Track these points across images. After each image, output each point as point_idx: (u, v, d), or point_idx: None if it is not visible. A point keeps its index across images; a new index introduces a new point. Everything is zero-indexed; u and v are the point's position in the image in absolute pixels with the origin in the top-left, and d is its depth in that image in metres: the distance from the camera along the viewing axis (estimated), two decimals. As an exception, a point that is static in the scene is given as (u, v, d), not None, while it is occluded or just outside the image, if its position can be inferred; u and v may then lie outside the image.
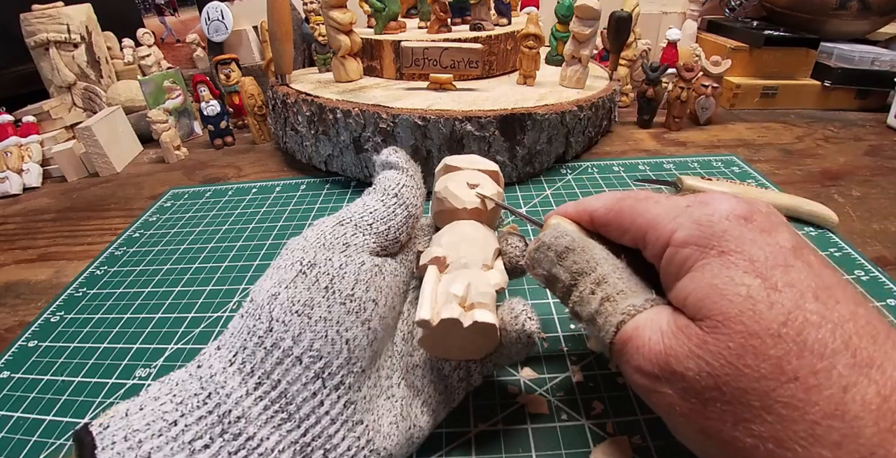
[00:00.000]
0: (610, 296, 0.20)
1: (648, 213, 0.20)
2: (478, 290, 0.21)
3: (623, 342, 0.19)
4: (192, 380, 0.19)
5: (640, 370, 0.18)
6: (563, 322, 0.32)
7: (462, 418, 0.26)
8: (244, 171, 0.62)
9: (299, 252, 0.21)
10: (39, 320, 0.38)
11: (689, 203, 0.20)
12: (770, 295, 0.16)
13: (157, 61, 0.85)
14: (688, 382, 0.16)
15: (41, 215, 0.56)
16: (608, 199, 0.23)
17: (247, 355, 0.19)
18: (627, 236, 0.22)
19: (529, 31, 0.54)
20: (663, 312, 0.19)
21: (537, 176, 0.53)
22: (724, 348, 0.16)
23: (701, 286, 0.17)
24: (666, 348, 0.17)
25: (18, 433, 0.28)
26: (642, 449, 0.24)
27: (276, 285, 0.20)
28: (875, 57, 0.67)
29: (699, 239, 0.18)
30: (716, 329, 0.16)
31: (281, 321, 0.19)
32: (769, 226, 0.18)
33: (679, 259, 0.19)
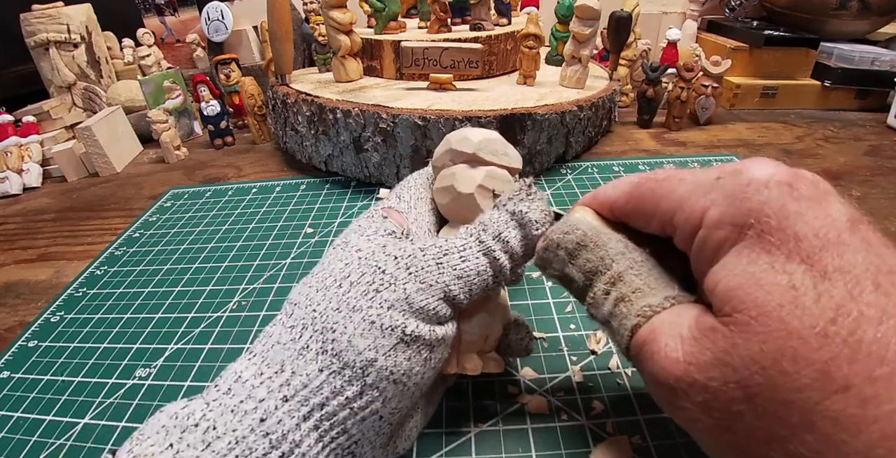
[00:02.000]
0: (625, 296, 0.18)
1: (673, 193, 0.18)
2: (492, 338, 0.24)
3: (638, 348, 0.17)
4: (256, 438, 0.16)
5: (657, 381, 0.16)
6: (563, 322, 0.32)
7: (462, 418, 0.26)
8: (244, 171, 0.62)
9: (399, 315, 0.18)
10: (39, 320, 0.38)
11: (721, 174, 0.17)
12: (817, 284, 0.13)
13: (157, 61, 0.85)
14: (711, 394, 0.14)
15: (41, 215, 0.56)
16: (624, 186, 0.20)
17: (326, 414, 0.17)
18: (654, 224, 0.19)
19: (529, 31, 0.54)
20: (687, 312, 0.16)
21: (537, 176, 0.53)
22: (757, 352, 0.13)
23: (734, 274, 0.15)
24: (685, 356, 0.15)
25: (18, 433, 0.28)
26: (642, 449, 0.24)
27: (372, 349, 0.18)
28: (875, 57, 0.67)
29: (735, 217, 0.15)
30: (747, 328, 0.14)
31: (375, 388, 0.18)
32: (817, 194, 0.15)
33: (713, 243, 0.16)
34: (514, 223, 0.21)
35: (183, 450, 0.16)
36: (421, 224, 0.24)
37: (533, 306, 0.34)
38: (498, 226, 0.21)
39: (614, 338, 0.19)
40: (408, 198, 0.25)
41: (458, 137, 0.25)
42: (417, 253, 0.20)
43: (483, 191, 0.23)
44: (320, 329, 0.18)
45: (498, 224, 0.21)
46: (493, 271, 0.21)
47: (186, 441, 0.16)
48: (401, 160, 0.48)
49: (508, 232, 0.21)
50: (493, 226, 0.21)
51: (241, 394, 0.17)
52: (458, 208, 0.24)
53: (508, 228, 0.21)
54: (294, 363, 0.18)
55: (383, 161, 0.49)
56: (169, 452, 0.16)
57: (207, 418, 0.16)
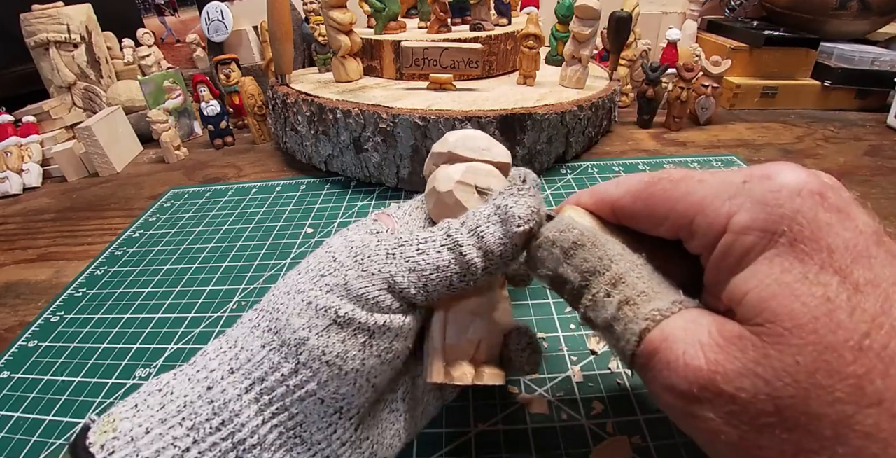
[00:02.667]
0: (629, 299, 0.17)
1: (693, 195, 0.17)
2: (487, 345, 0.22)
3: (648, 355, 0.16)
4: (202, 403, 0.17)
5: (673, 390, 0.15)
6: (563, 322, 0.32)
7: (462, 418, 0.26)
8: (244, 171, 0.62)
9: (335, 298, 0.18)
10: (39, 320, 0.38)
11: (746, 178, 0.16)
12: (851, 298, 0.13)
13: (157, 61, 0.85)
14: (739, 405, 0.14)
15: (41, 215, 0.56)
16: (632, 184, 0.19)
17: (265, 388, 0.18)
18: (665, 226, 0.18)
19: (529, 31, 0.54)
20: (700, 317, 0.16)
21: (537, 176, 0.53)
22: (791, 364, 0.13)
23: (766, 283, 0.14)
24: (710, 364, 0.14)
25: (18, 433, 0.28)
26: (642, 449, 0.24)
27: (305, 328, 0.18)
28: (875, 57, 0.67)
29: (766, 223, 0.15)
30: (781, 339, 0.13)
31: (308, 367, 0.18)
32: (843, 205, 0.15)
33: (739, 248, 0.15)
34: (497, 219, 0.19)
35: (142, 410, 0.18)
36: (411, 229, 0.23)
37: (533, 307, 0.34)
38: (477, 220, 0.20)
39: (617, 344, 0.17)
40: (407, 207, 0.25)
41: (438, 141, 0.24)
42: (372, 243, 0.20)
43: (463, 187, 0.22)
44: (269, 309, 0.19)
45: (478, 218, 0.20)
46: (459, 268, 0.19)
47: (147, 403, 0.18)
48: (401, 160, 0.48)
49: (487, 227, 0.19)
50: (472, 219, 0.20)
51: (199, 365, 0.19)
52: (443, 210, 0.23)
53: (489, 223, 0.19)
54: (244, 339, 0.19)
55: (383, 161, 0.49)
56: (132, 411, 0.18)
57: (170, 385, 0.18)
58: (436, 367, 0.21)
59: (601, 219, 0.21)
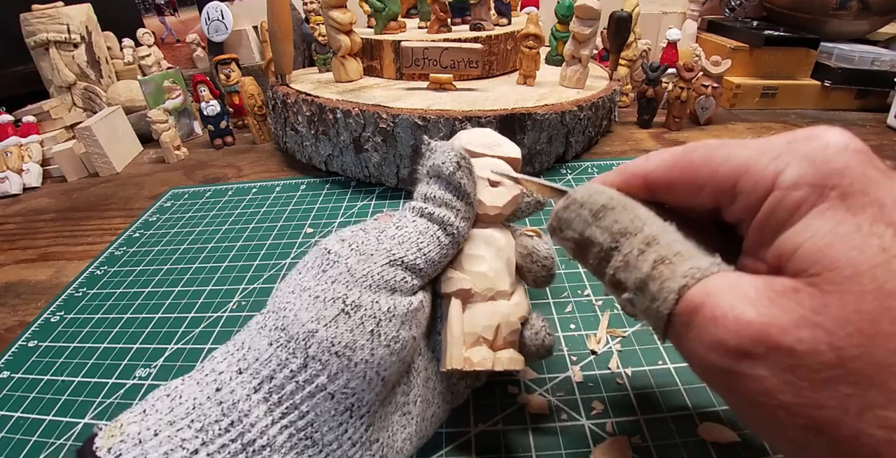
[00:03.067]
0: (665, 257, 0.16)
1: (736, 158, 0.17)
2: (507, 330, 0.22)
3: (690, 313, 0.15)
4: (211, 405, 0.18)
5: (721, 346, 0.14)
6: (563, 322, 0.32)
7: (462, 418, 0.26)
8: (244, 171, 0.62)
9: (342, 287, 0.19)
10: (39, 320, 0.38)
11: (790, 139, 0.16)
12: None
13: (157, 61, 0.85)
14: (797, 358, 0.13)
15: (41, 215, 0.56)
16: (666, 156, 0.19)
17: (274, 386, 0.18)
18: (705, 193, 0.18)
19: (529, 31, 0.54)
20: (743, 276, 0.15)
21: (537, 176, 0.53)
22: (854, 312, 0.12)
23: (822, 234, 0.14)
24: (762, 317, 0.14)
25: (18, 433, 0.28)
26: (642, 449, 0.24)
27: (314, 321, 0.18)
28: (875, 57, 0.67)
29: (815, 178, 0.15)
30: (840, 286, 0.13)
31: (318, 360, 0.18)
32: (883, 165, 0.15)
33: (788, 204, 0.15)
34: (431, 179, 0.23)
35: (151, 414, 0.18)
36: None
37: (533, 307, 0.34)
38: (420, 188, 0.23)
39: (651, 305, 0.16)
40: None
41: (452, 139, 0.25)
42: (360, 233, 0.22)
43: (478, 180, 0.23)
44: (275, 309, 0.20)
45: (419, 187, 0.23)
46: (438, 226, 0.22)
47: (155, 407, 0.18)
48: (401, 160, 0.48)
49: (430, 188, 0.22)
50: (418, 191, 0.23)
51: (207, 369, 0.19)
52: None
53: (429, 185, 0.23)
54: (252, 340, 0.19)
55: (383, 161, 0.49)
56: (140, 416, 0.18)
57: (178, 389, 0.18)
58: (455, 354, 0.21)
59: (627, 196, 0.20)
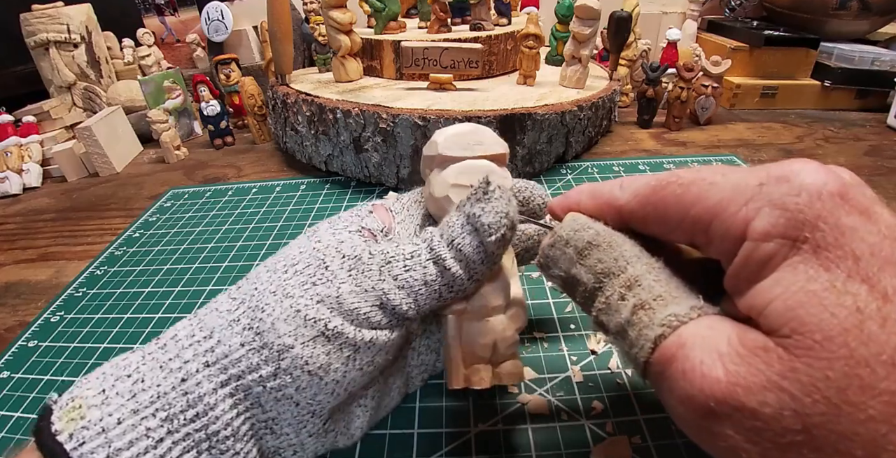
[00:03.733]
0: (645, 302, 0.16)
1: (707, 199, 0.16)
2: (504, 344, 0.21)
3: (663, 363, 0.15)
4: (176, 395, 0.17)
5: (689, 402, 0.14)
6: (563, 322, 0.32)
7: (462, 418, 0.26)
8: (244, 171, 0.62)
9: (326, 311, 0.18)
10: (39, 320, 0.38)
11: (762, 180, 0.15)
12: (881, 308, 0.12)
13: (157, 61, 0.85)
14: (762, 421, 0.13)
15: (41, 215, 0.56)
16: (639, 187, 0.18)
17: (241, 385, 0.18)
18: (679, 232, 0.17)
19: (529, 31, 0.54)
20: (720, 325, 0.15)
21: (537, 176, 0.53)
22: (822, 379, 0.12)
23: (792, 292, 0.13)
24: (730, 376, 0.13)
25: (18, 433, 0.28)
26: (642, 449, 0.24)
27: (291, 336, 0.18)
28: (875, 57, 0.67)
29: (787, 229, 0.14)
30: (810, 352, 0.12)
31: (289, 374, 0.18)
32: (866, 205, 0.14)
33: (760, 256, 0.14)
34: (469, 228, 0.19)
35: (112, 397, 0.17)
36: (407, 226, 0.23)
37: (533, 307, 0.34)
38: (452, 231, 0.19)
39: (629, 351, 0.17)
40: (406, 200, 0.25)
41: (427, 143, 0.23)
42: (364, 255, 0.19)
43: (459, 189, 0.22)
44: (253, 307, 0.19)
45: (453, 229, 0.19)
46: (445, 281, 0.19)
47: (116, 389, 0.17)
48: (401, 160, 0.48)
49: (462, 239, 0.19)
50: (448, 231, 0.19)
51: (172, 352, 0.18)
52: (442, 215, 0.22)
53: (463, 233, 0.19)
54: (222, 333, 0.18)
55: (383, 161, 0.49)
56: (100, 396, 0.17)
57: (139, 370, 0.18)
58: (456, 375, 0.21)
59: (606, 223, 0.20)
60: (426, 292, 0.19)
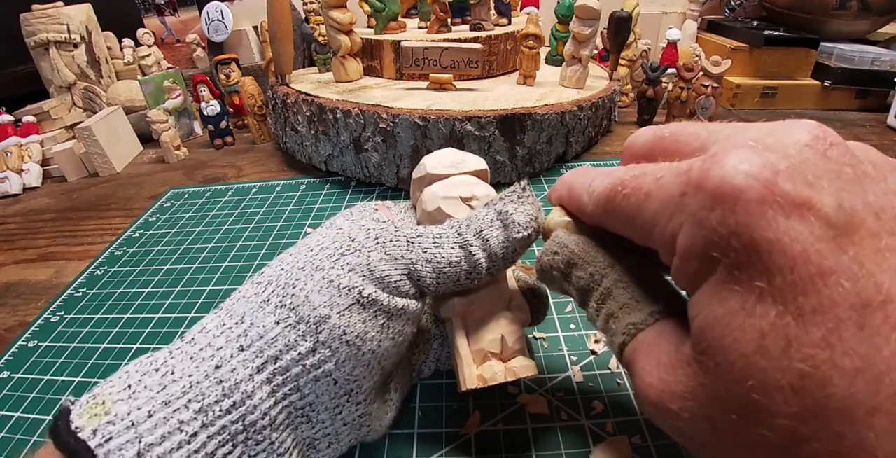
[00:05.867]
0: (613, 313, 0.18)
1: (644, 212, 0.16)
2: (512, 338, 0.22)
3: (627, 365, 0.17)
4: (210, 384, 0.17)
5: (638, 399, 0.16)
6: (563, 322, 0.32)
7: (462, 418, 0.26)
8: (244, 171, 0.62)
9: (358, 278, 0.18)
10: (39, 320, 0.38)
11: (684, 188, 0.14)
12: (789, 331, 0.12)
13: (157, 61, 0.85)
14: (682, 422, 0.14)
15: (41, 215, 0.56)
16: (601, 194, 0.18)
17: (279, 368, 0.17)
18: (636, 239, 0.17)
19: (529, 31, 0.54)
20: (669, 334, 0.16)
21: (537, 176, 0.53)
22: (724, 397, 0.13)
23: (704, 315, 0.13)
24: (659, 383, 0.15)
25: (18, 433, 0.28)
26: (642, 449, 0.24)
27: (326, 306, 0.18)
28: (875, 57, 0.67)
29: (703, 248, 0.13)
30: (714, 371, 0.13)
31: (328, 346, 0.18)
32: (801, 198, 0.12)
33: (687, 271, 0.14)
34: (499, 223, 0.21)
35: (139, 391, 0.16)
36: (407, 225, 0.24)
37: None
38: (481, 223, 0.21)
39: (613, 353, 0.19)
40: (402, 205, 0.26)
41: (415, 170, 0.26)
42: (390, 227, 0.20)
43: (449, 200, 0.23)
44: (283, 285, 0.19)
45: (482, 221, 0.21)
46: (468, 266, 0.20)
47: (144, 383, 0.16)
48: (401, 160, 0.48)
49: (490, 231, 0.20)
50: (476, 222, 0.21)
51: (202, 343, 0.18)
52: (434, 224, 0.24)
53: (492, 226, 0.20)
54: (253, 315, 0.18)
55: (383, 161, 0.49)
56: (126, 392, 0.16)
57: (168, 363, 0.17)
58: (467, 374, 0.21)
59: None
60: (449, 271, 0.20)
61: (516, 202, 0.21)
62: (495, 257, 0.20)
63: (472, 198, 0.24)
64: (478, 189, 0.24)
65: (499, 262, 0.21)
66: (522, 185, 0.22)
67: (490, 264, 0.20)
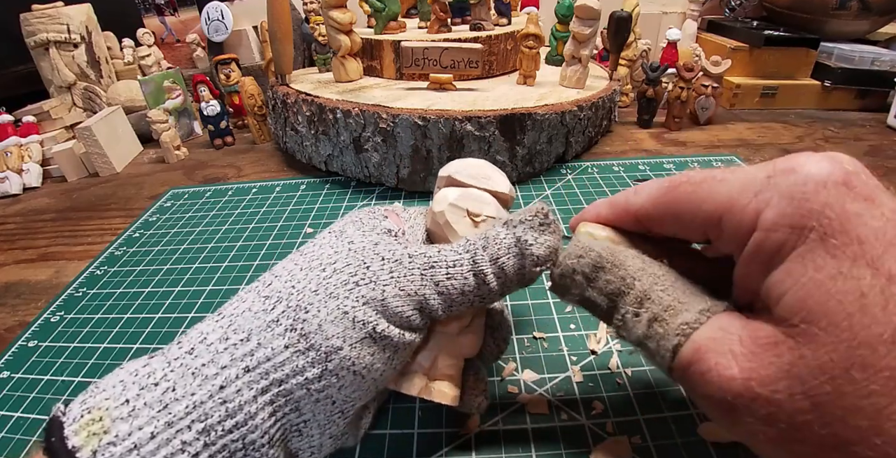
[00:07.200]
0: (657, 316, 0.17)
1: (718, 194, 0.17)
2: (445, 362, 0.22)
3: (684, 368, 0.16)
4: (214, 404, 0.16)
5: (711, 400, 0.15)
6: (563, 322, 0.32)
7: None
8: (244, 171, 0.62)
9: (372, 313, 0.18)
10: (39, 320, 0.38)
11: (770, 172, 0.16)
12: (884, 290, 0.13)
13: (157, 61, 0.85)
14: (776, 406, 0.14)
15: (41, 215, 0.56)
16: (652, 190, 0.19)
17: (284, 390, 0.17)
18: (692, 229, 0.18)
19: (529, 31, 0.54)
20: (730, 325, 0.16)
21: (537, 176, 0.53)
22: (826, 362, 0.13)
23: (802, 283, 0.14)
24: (743, 372, 0.15)
25: (18, 433, 0.28)
26: (642, 449, 0.24)
27: (339, 338, 0.18)
28: (875, 57, 0.67)
29: (795, 218, 0.14)
30: (815, 339, 0.13)
31: (335, 375, 0.18)
32: (869, 191, 0.15)
33: (770, 246, 0.15)
34: (517, 251, 0.20)
35: (140, 408, 0.16)
36: (415, 233, 0.24)
37: (533, 306, 0.34)
38: (499, 249, 0.20)
39: (653, 359, 0.18)
40: (412, 212, 0.26)
41: (445, 165, 0.25)
42: (405, 259, 0.20)
43: (454, 209, 0.23)
44: (294, 306, 0.18)
45: (499, 247, 0.20)
46: (480, 292, 0.20)
47: (144, 399, 0.16)
48: (401, 160, 0.48)
49: (508, 259, 0.20)
50: (493, 247, 0.20)
51: (205, 357, 0.17)
52: (435, 228, 0.24)
53: (509, 254, 0.20)
54: (261, 335, 0.18)
55: (383, 161, 0.49)
56: (125, 408, 0.16)
57: (168, 378, 0.17)
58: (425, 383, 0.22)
59: (621, 230, 0.21)
60: (461, 300, 0.20)
61: (537, 230, 0.20)
62: (511, 283, 0.20)
63: (479, 215, 0.23)
64: (488, 209, 0.23)
65: (513, 287, 0.21)
66: (546, 210, 0.21)
67: (503, 289, 0.20)
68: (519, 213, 0.21)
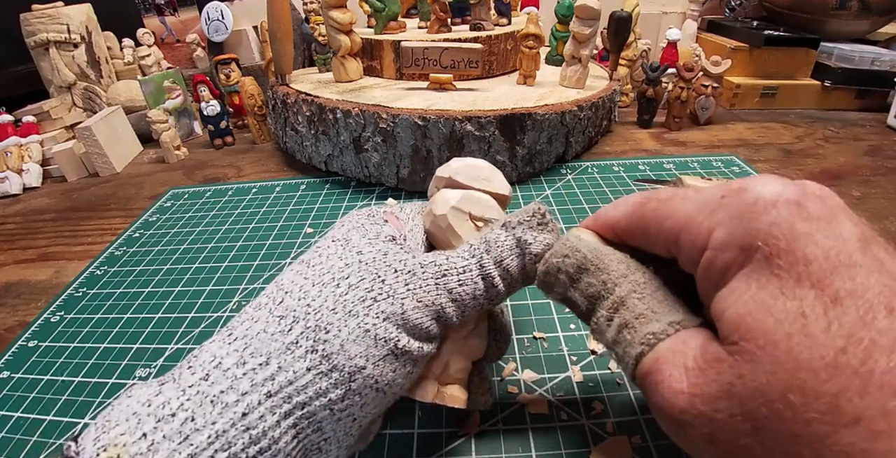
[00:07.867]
0: (628, 322, 0.17)
1: (677, 213, 0.17)
2: (456, 366, 0.23)
3: (643, 376, 0.16)
4: (237, 432, 0.16)
5: (661, 411, 0.15)
6: (563, 322, 0.32)
7: (462, 418, 0.26)
8: (244, 171, 0.62)
9: (393, 329, 0.18)
10: (39, 320, 0.38)
11: (725, 193, 0.16)
12: (828, 311, 0.13)
13: (157, 61, 0.85)
14: (717, 426, 0.14)
15: (41, 215, 0.56)
16: (627, 205, 0.19)
17: (307, 413, 0.17)
18: (658, 245, 0.18)
19: (529, 31, 0.54)
20: (693, 339, 0.16)
21: (537, 176, 0.53)
22: (764, 384, 0.13)
23: (742, 301, 0.14)
24: (690, 387, 0.14)
25: (18, 433, 0.28)
26: (642, 449, 0.24)
27: (363, 357, 0.18)
28: (875, 57, 0.67)
29: (742, 238, 0.14)
30: (753, 357, 0.13)
31: (358, 394, 0.18)
32: (826, 212, 0.14)
33: (719, 265, 0.15)
34: (518, 251, 0.21)
35: (159, 441, 0.15)
36: (415, 235, 0.24)
37: (533, 306, 0.34)
38: (501, 251, 0.21)
39: (620, 364, 0.18)
40: (409, 210, 0.25)
41: (443, 165, 0.25)
42: (417, 269, 0.20)
43: (457, 212, 0.23)
44: (313, 327, 0.18)
45: (502, 249, 0.21)
46: (489, 294, 0.21)
47: (162, 432, 0.15)
48: (401, 160, 0.48)
49: (511, 261, 0.21)
50: (496, 250, 0.21)
51: (222, 384, 0.16)
52: (437, 231, 0.24)
53: (511, 255, 0.21)
54: (281, 358, 0.17)
55: (383, 161, 0.49)
56: (143, 442, 0.15)
57: (185, 407, 0.16)
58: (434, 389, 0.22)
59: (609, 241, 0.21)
60: (472, 304, 0.21)
61: (535, 230, 0.21)
62: (515, 282, 0.21)
63: (482, 219, 0.23)
64: (490, 212, 0.23)
65: (518, 286, 0.22)
66: (542, 210, 0.21)
67: (509, 289, 0.21)
68: (516, 213, 0.21)
